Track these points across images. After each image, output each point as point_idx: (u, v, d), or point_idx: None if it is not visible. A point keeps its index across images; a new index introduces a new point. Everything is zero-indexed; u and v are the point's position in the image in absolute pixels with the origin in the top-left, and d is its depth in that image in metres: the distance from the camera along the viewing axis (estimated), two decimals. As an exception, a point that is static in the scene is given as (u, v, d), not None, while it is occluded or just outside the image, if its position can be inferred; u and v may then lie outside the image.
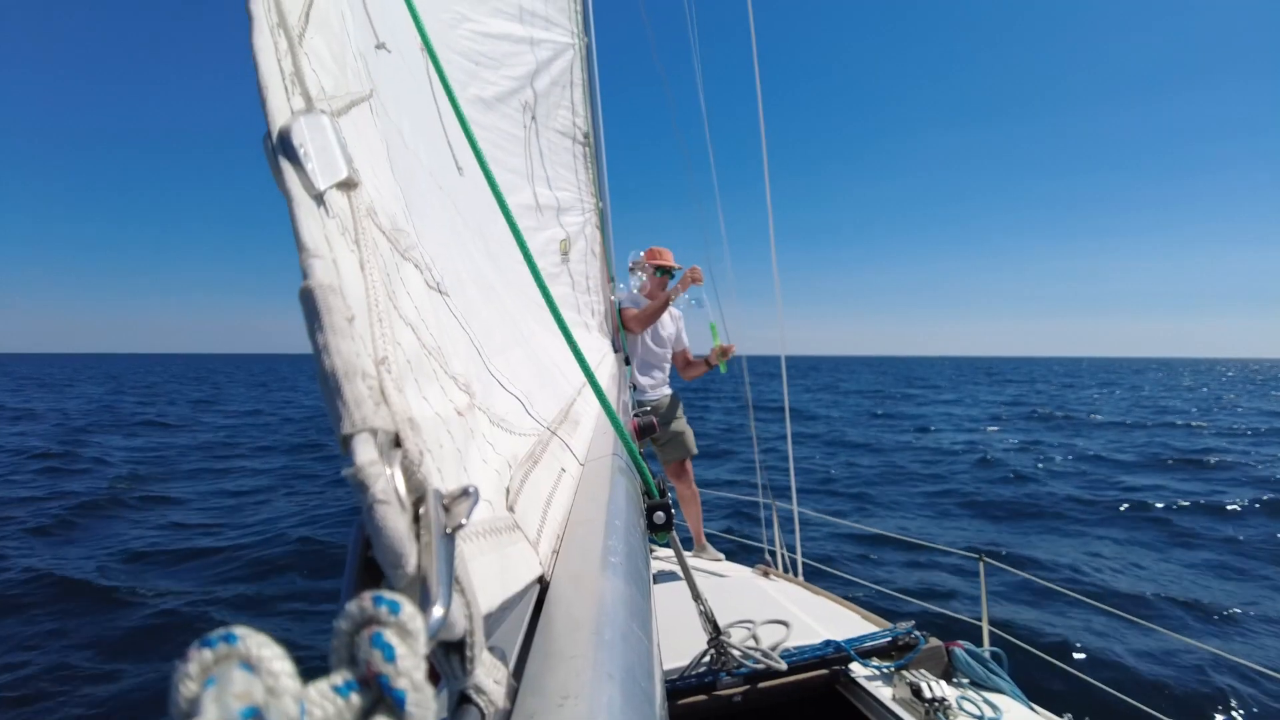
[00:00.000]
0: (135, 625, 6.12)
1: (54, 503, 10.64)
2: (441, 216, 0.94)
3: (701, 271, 4.45)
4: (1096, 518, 10.42)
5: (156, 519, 10.02)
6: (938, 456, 16.71)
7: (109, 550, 8.32)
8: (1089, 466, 15.27)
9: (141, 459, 15.78)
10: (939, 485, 13.00)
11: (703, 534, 4.80)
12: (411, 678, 0.27)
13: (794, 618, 3.01)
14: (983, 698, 2.35)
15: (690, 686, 2.35)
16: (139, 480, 12.95)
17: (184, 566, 7.78)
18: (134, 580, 7.19)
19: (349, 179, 0.40)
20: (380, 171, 0.55)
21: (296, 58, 0.40)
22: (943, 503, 11.60)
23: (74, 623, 6.17)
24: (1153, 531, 9.55)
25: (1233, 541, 9.05)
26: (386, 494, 0.31)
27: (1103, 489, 12.62)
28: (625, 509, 0.84)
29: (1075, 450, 17.79)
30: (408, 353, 0.44)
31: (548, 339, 1.54)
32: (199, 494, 11.94)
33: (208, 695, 0.23)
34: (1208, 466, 15.44)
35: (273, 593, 6.92)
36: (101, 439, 19.28)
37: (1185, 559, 8.32)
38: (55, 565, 7.50)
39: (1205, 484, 13.26)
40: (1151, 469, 15.26)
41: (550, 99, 3.33)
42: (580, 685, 0.44)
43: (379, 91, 0.71)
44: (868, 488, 12.89)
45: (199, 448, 17.95)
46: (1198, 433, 22.92)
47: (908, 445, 19.10)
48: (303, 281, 0.33)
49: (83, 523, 9.57)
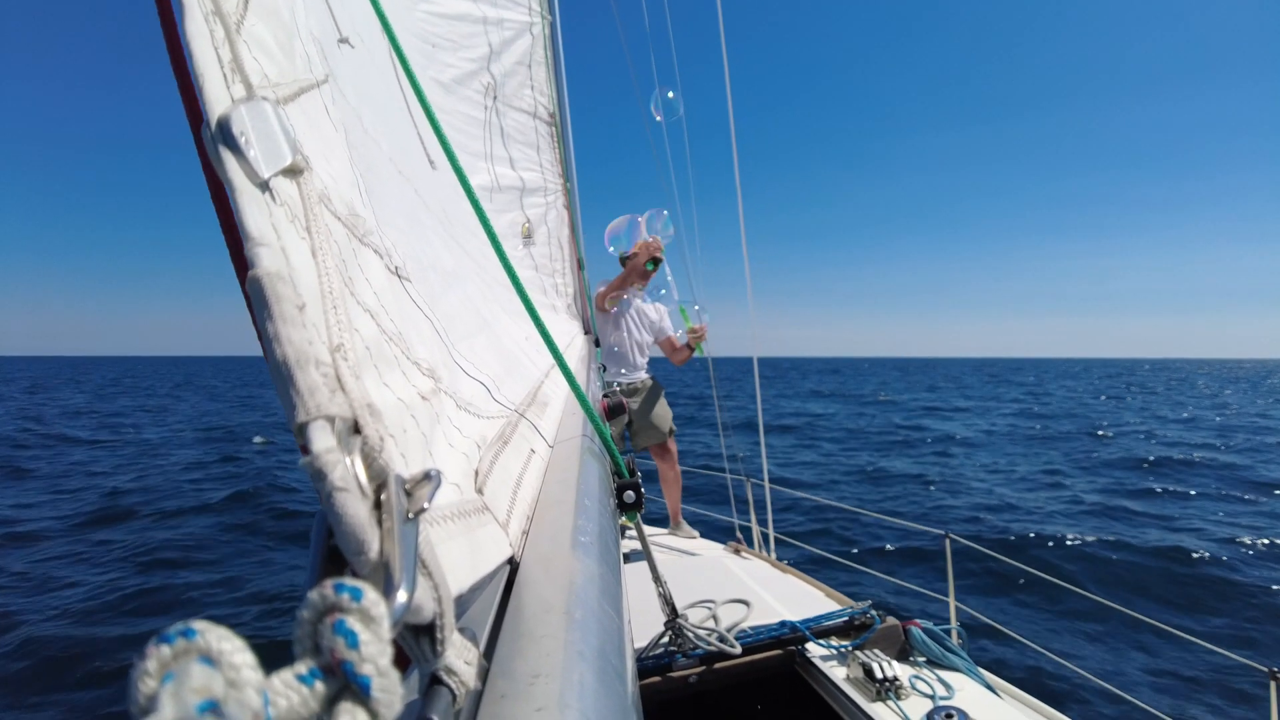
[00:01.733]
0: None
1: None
2: (403, 203, 0.93)
3: (661, 243, 4.58)
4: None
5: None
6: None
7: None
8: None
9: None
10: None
11: (680, 513, 4.85)
12: (376, 663, 0.27)
13: (756, 597, 3.03)
14: (937, 676, 2.37)
15: (646, 669, 2.36)
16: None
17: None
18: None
19: (295, 165, 0.39)
20: (336, 158, 0.54)
21: (235, 45, 0.39)
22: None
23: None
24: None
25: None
26: (345, 481, 0.31)
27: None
28: (595, 489, 0.85)
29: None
30: (366, 339, 0.44)
31: (514, 324, 1.54)
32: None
33: (165, 691, 0.23)
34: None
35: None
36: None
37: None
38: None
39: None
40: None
41: (515, 79, 3.30)
42: (552, 664, 0.44)
43: (336, 78, 0.69)
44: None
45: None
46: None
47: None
48: (249, 270, 0.32)
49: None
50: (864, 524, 9.17)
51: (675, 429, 4.80)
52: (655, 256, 4.63)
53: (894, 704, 2.20)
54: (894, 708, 2.19)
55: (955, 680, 2.37)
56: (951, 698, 2.26)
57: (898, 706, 2.19)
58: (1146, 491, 12.66)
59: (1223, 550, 8.49)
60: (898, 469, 15.29)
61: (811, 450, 18.86)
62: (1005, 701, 2.36)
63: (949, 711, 2.12)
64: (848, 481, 14.14)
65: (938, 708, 2.17)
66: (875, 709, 2.19)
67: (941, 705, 2.19)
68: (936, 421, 27.59)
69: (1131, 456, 16.95)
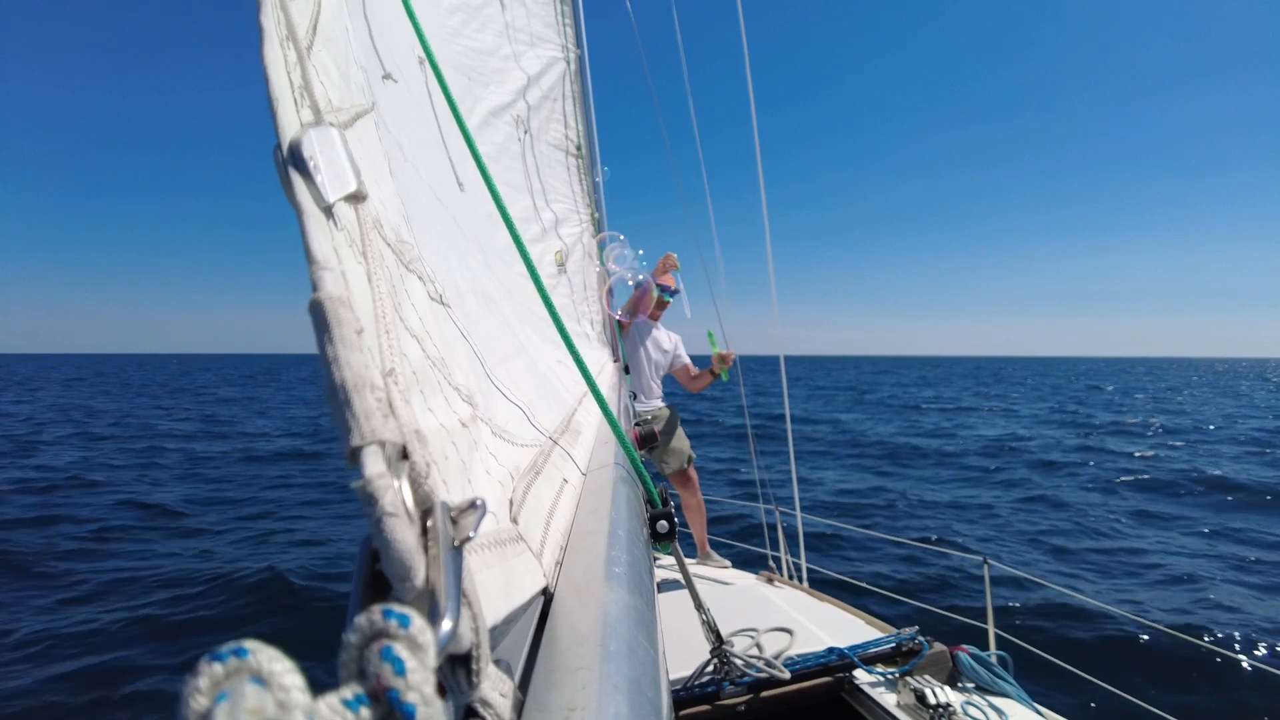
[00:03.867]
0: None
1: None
2: (441, 229, 0.94)
3: (675, 259, 4.65)
4: None
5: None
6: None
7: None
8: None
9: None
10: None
11: (706, 542, 4.79)
12: (422, 692, 0.27)
13: (798, 625, 3.01)
14: (988, 702, 2.34)
15: (694, 697, 2.34)
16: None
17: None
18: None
19: (358, 191, 0.40)
20: (383, 184, 0.55)
21: (305, 70, 0.40)
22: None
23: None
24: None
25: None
26: (395, 507, 0.31)
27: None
28: (627, 518, 0.84)
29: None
30: (413, 364, 0.44)
31: (547, 349, 1.54)
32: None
33: (219, 710, 0.23)
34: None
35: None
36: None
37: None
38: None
39: None
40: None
41: (542, 112, 3.34)
42: (587, 697, 0.44)
43: (379, 105, 0.71)
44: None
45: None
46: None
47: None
48: (312, 293, 0.33)
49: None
50: (900, 549, 8.86)
51: (694, 455, 4.77)
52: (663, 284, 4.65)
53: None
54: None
55: (1007, 706, 2.34)
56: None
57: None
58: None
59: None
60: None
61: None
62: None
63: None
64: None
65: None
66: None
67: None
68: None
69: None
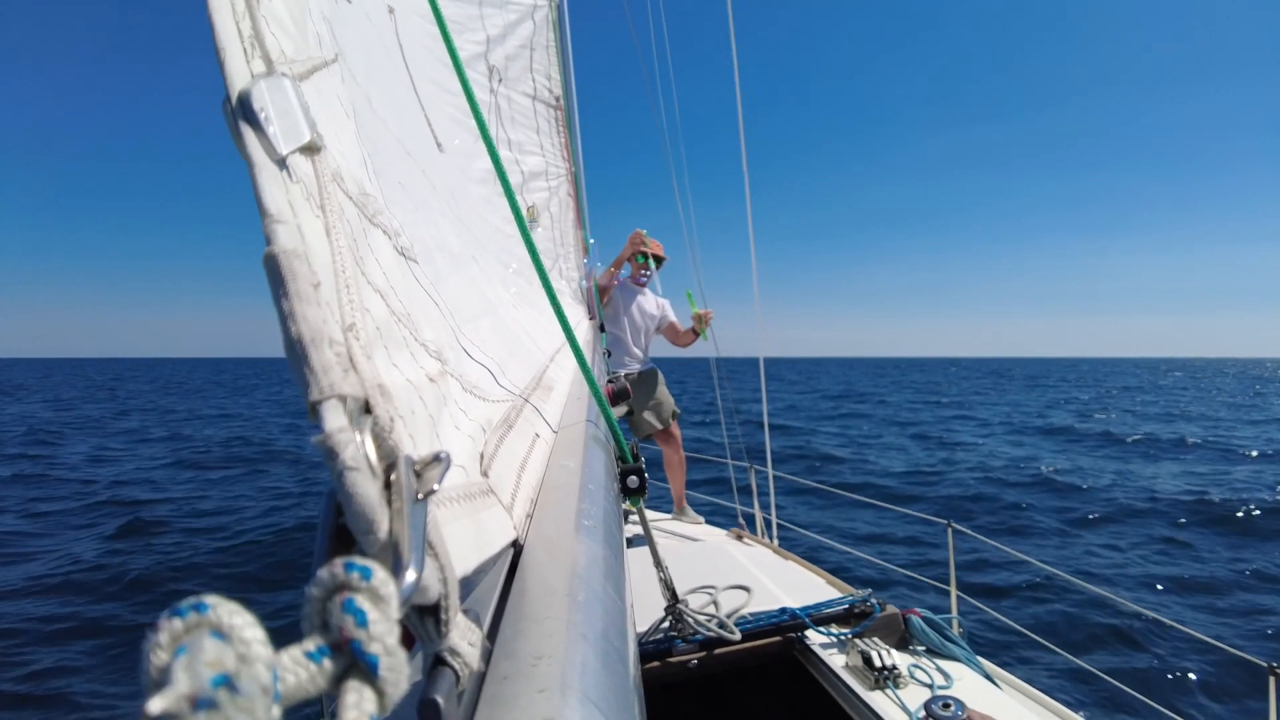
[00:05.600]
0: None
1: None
2: (410, 184, 0.93)
3: (642, 234, 4.66)
4: None
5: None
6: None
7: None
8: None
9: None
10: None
11: (684, 498, 4.88)
12: (384, 642, 0.27)
13: (758, 583, 3.04)
14: (936, 665, 2.36)
15: (647, 652, 2.37)
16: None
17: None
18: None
19: (312, 143, 0.39)
20: (346, 137, 0.54)
21: (255, 20, 0.39)
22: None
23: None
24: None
25: None
26: (356, 460, 0.31)
27: None
28: (599, 473, 0.85)
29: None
30: (377, 319, 0.44)
31: (519, 308, 1.54)
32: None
33: (178, 664, 0.23)
34: None
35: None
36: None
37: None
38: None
39: None
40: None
41: (519, 63, 3.27)
42: (554, 645, 0.44)
43: (345, 57, 0.69)
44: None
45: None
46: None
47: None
48: (266, 248, 0.32)
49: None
50: (868, 512, 9.05)
51: (679, 412, 4.82)
52: (642, 250, 4.64)
53: (892, 693, 2.20)
54: (892, 696, 2.18)
55: (954, 670, 2.36)
56: (950, 687, 2.25)
57: (896, 695, 2.19)
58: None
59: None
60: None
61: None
62: (1004, 691, 2.35)
63: (946, 701, 2.12)
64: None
65: (935, 697, 2.16)
66: (873, 697, 2.18)
67: (940, 695, 2.18)
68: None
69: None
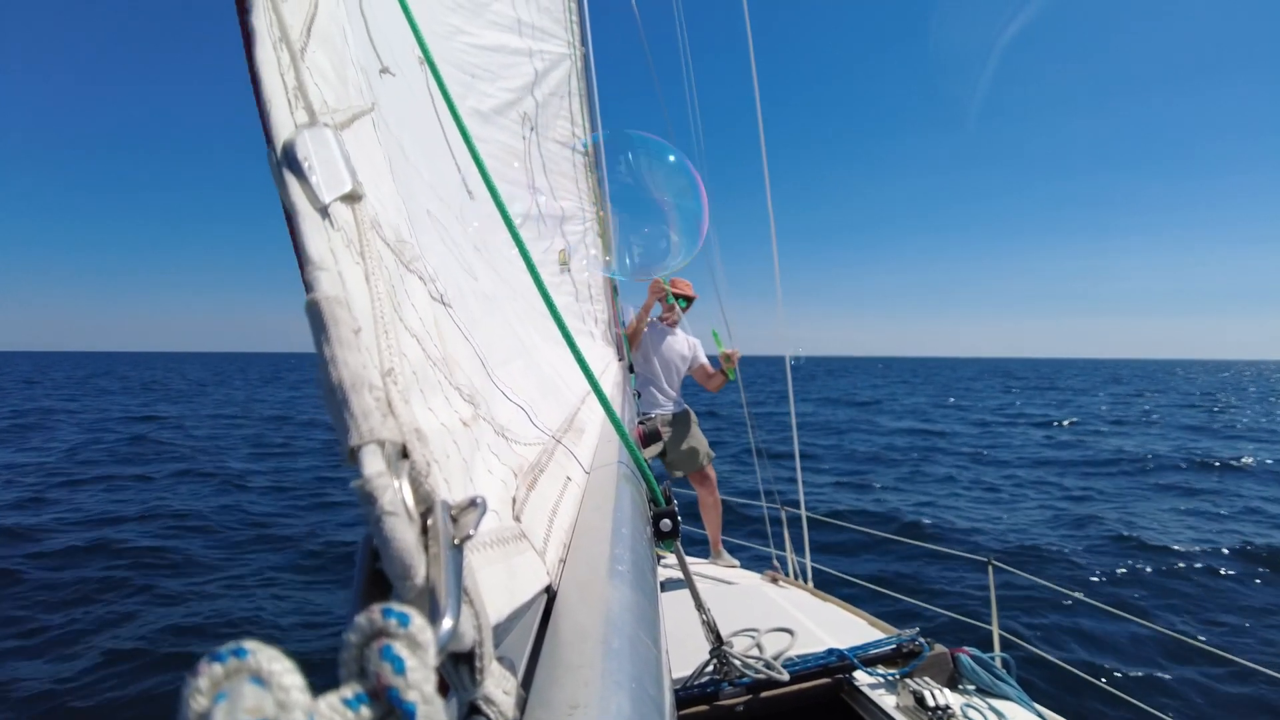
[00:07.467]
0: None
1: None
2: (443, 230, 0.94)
3: (661, 283, 4.57)
4: None
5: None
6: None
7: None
8: None
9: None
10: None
11: (720, 541, 4.80)
12: (422, 690, 0.27)
13: (799, 625, 3.00)
14: (988, 705, 2.33)
15: (692, 697, 2.33)
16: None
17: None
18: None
19: (353, 192, 0.40)
20: (383, 184, 0.55)
21: (299, 72, 0.40)
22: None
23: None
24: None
25: None
26: (394, 505, 0.31)
27: None
28: (631, 517, 0.84)
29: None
30: (413, 364, 0.44)
31: (550, 349, 1.54)
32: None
33: (218, 710, 0.23)
34: None
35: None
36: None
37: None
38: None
39: None
40: None
41: (549, 109, 3.34)
42: (589, 695, 0.44)
43: (380, 106, 0.71)
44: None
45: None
46: None
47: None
48: (308, 294, 0.33)
49: None
50: (903, 553, 8.84)
51: (713, 455, 4.77)
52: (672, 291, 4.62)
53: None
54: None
55: (1007, 709, 2.33)
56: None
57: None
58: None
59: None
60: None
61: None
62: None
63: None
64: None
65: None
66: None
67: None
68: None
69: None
